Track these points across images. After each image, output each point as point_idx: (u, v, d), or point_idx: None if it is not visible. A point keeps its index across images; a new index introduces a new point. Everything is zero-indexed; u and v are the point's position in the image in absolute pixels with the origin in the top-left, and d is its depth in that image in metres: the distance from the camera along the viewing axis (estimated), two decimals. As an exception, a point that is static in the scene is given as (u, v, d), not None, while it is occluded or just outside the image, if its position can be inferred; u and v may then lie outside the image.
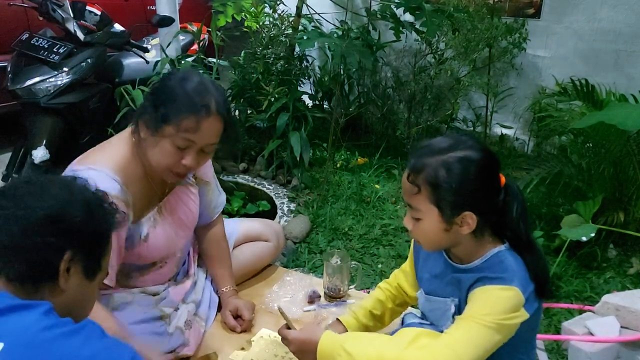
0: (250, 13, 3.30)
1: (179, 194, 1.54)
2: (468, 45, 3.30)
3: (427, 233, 1.12)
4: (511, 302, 1.05)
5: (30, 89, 2.61)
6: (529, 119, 3.52)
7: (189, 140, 1.29)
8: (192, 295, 1.62)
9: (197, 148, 1.32)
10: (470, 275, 1.13)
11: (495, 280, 1.07)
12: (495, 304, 1.05)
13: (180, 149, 1.30)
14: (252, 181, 3.18)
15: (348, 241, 2.59)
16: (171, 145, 1.30)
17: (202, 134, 1.30)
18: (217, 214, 1.71)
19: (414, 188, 1.09)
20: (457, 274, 1.17)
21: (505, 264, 1.10)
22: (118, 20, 2.96)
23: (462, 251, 1.17)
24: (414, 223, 1.13)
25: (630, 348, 1.72)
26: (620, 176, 2.44)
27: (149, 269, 1.52)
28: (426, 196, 1.08)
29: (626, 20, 3.19)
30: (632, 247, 2.49)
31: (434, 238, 1.13)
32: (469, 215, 1.08)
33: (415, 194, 1.09)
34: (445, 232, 1.10)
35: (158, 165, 1.33)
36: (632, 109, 2.08)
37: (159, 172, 1.36)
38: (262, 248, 1.88)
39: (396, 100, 3.80)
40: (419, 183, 1.08)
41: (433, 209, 1.08)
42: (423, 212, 1.09)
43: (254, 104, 3.32)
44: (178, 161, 1.32)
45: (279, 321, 1.66)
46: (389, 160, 3.51)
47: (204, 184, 1.65)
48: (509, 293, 1.05)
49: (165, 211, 1.49)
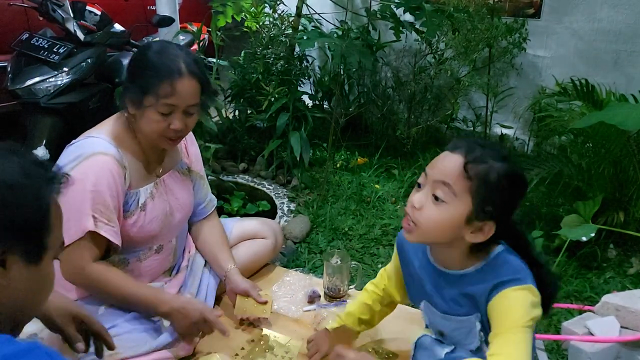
0: (250, 13, 3.30)
1: (175, 177, 1.60)
2: (468, 45, 3.30)
3: (439, 217, 1.05)
4: (532, 299, 1.05)
5: (30, 89, 2.62)
6: (529, 119, 3.52)
7: (169, 105, 1.37)
8: (189, 288, 1.63)
9: (181, 110, 1.39)
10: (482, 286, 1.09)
11: (510, 283, 1.06)
12: (523, 306, 1.04)
13: (165, 114, 1.38)
14: (252, 181, 3.18)
15: (348, 241, 2.59)
16: (156, 114, 1.37)
17: (180, 95, 1.37)
18: (212, 207, 1.78)
19: (464, 173, 1.03)
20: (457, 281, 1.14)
21: (512, 264, 1.09)
22: (118, 20, 2.96)
23: (446, 255, 1.14)
24: (432, 202, 1.06)
25: (630, 348, 1.72)
26: (620, 176, 2.44)
27: (146, 254, 1.53)
28: (471, 187, 1.03)
29: (626, 20, 3.19)
30: (632, 247, 2.49)
31: (442, 228, 1.06)
32: (489, 225, 1.06)
33: (461, 177, 1.03)
34: (457, 227, 1.06)
35: (151, 134, 1.41)
36: (632, 109, 2.07)
37: (154, 141, 1.44)
38: (260, 246, 1.88)
39: (396, 100, 3.80)
40: (473, 173, 1.03)
41: (467, 200, 1.04)
42: (456, 198, 1.04)
43: (254, 104, 3.33)
44: (167, 127, 1.39)
45: (279, 321, 1.68)
46: (389, 160, 3.51)
47: (200, 178, 1.71)
48: (526, 292, 1.05)
49: (162, 187, 1.55)
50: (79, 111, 2.75)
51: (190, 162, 1.68)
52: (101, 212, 1.35)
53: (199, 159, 1.73)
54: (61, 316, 1.05)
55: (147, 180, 1.51)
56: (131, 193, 1.45)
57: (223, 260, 1.67)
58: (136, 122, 1.42)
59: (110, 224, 1.37)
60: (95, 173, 1.35)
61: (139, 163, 1.48)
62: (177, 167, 1.62)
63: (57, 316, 1.04)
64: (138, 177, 1.48)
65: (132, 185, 1.45)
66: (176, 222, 1.59)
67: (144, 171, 1.50)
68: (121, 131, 1.45)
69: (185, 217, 1.66)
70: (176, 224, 1.60)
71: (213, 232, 1.74)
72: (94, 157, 1.36)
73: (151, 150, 1.51)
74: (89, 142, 1.40)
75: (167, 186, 1.57)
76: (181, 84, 1.36)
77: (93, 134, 1.42)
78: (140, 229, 1.47)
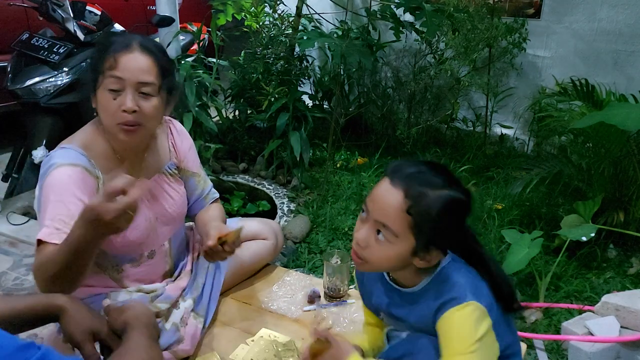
0: (250, 13, 3.30)
1: (160, 182, 1.54)
2: (468, 45, 3.31)
3: (386, 256, 1.06)
4: (476, 314, 1.03)
5: (30, 89, 2.62)
6: (529, 119, 3.52)
7: (114, 77, 1.30)
8: (191, 292, 1.61)
9: (131, 87, 1.31)
10: (428, 306, 1.09)
11: (452, 303, 1.04)
12: (467, 326, 1.02)
13: (114, 91, 1.31)
14: (252, 181, 3.18)
15: (348, 241, 2.59)
16: (105, 92, 1.31)
17: (126, 68, 1.30)
18: (212, 199, 1.71)
19: (403, 213, 1.02)
20: (405, 298, 1.15)
21: (451, 280, 1.08)
22: (118, 20, 2.97)
23: (404, 277, 1.14)
24: (376, 239, 1.05)
25: (630, 348, 1.72)
26: (620, 176, 2.44)
27: (139, 261, 1.51)
28: (410, 223, 1.02)
29: (626, 20, 3.19)
30: (632, 247, 2.49)
31: (389, 262, 1.08)
32: (435, 253, 1.06)
33: (400, 216, 1.02)
34: (403, 259, 1.06)
35: (106, 122, 1.35)
36: (632, 109, 2.07)
37: (112, 132, 1.36)
38: (261, 246, 1.87)
39: (396, 100, 3.80)
40: (413, 211, 1.01)
41: (409, 238, 1.03)
42: (397, 235, 1.03)
43: (254, 104, 3.33)
44: (118, 108, 1.31)
45: (279, 321, 1.68)
46: (389, 160, 3.51)
47: (192, 175, 1.65)
48: (468, 309, 1.03)
49: (144, 196, 1.47)
50: (79, 111, 2.75)
51: (180, 161, 1.61)
52: (65, 223, 1.27)
53: (192, 155, 1.66)
54: (80, 332, 1.05)
55: None
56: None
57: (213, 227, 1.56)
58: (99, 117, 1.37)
59: None
60: (59, 185, 1.30)
61: (116, 171, 1.41)
62: (164, 169, 1.56)
63: (77, 332, 1.05)
64: None
65: None
66: (163, 229, 1.54)
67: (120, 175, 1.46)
68: (93, 138, 1.41)
69: (176, 220, 1.60)
70: (163, 230, 1.55)
71: (211, 212, 1.68)
72: (60, 169, 1.32)
73: (127, 154, 1.44)
74: (58, 154, 1.35)
75: (151, 193, 1.51)
76: (127, 57, 1.31)
77: (65, 145, 1.38)
78: (123, 239, 1.42)
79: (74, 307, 1.05)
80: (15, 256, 2.10)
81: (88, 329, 1.05)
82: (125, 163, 1.45)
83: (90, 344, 1.06)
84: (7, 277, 1.96)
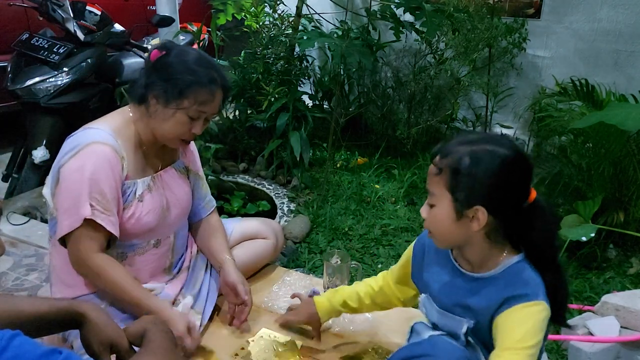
0: (250, 13, 3.30)
1: (172, 174, 1.61)
2: (468, 45, 3.31)
3: (438, 221, 1.10)
4: (542, 316, 1.04)
5: (30, 89, 2.61)
6: (529, 119, 3.52)
7: (202, 111, 1.45)
8: (190, 289, 1.62)
9: (205, 118, 1.48)
10: (490, 297, 1.09)
11: (521, 299, 1.05)
12: (529, 326, 1.03)
13: (193, 119, 1.45)
14: (252, 181, 3.18)
15: (348, 241, 2.59)
16: (185, 117, 1.43)
17: (214, 105, 1.47)
18: (212, 208, 1.77)
19: (436, 170, 1.07)
20: (470, 283, 1.14)
21: (525, 275, 1.08)
22: (118, 20, 2.96)
23: (473, 254, 1.13)
24: (429, 210, 1.11)
25: (630, 348, 1.72)
26: (620, 176, 2.44)
27: (144, 249, 1.53)
28: (445, 181, 1.06)
29: (626, 20, 3.19)
30: (632, 247, 2.49)
31: (445, 229, 1.09)
32: (480, 211, 1.04)
33: (435, 175, 1.08)
34: (455, 223, 1.07)
35: (169, 134, 1.46)
36: (632, 109, 2.08)
37: (167, 140, 1.49)
38: (261, 246, 1.88)
39: (396, 100, 3.81)
40: (441, 166, 1.06)
41: (447, 195, 1.06)
42: (437, 197, 1.08)
43: (254, 104, 3.33)
44: (188, 130, 1.46)
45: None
46: (389, 160, 3.52)
47: (198, 177, 1.72)
48: (538, 308, 1.04)
49: (159, 182, 1.55)
50: (79, 111, 2.75)
51: (188, 162, 1.69)
52: (98, 201, 1.35)
53: (197, 159, 1.74)
54: (99, 343, 1.04)
55: (144, 173, 1.51)
56: (128, 183, 1.45)
57: (219, 252, 1.66)
58: (151, 118, 1.44)
59: (107, 213, 1.37)
60: (93, 162, 1.35)
61: (138, 156, 1.49)
62: (175, 165, 1.63)
63: (96, 342, 1.04)
64: (136, 168, 1.48)
65: (130, 176, 1.46)
66: (173, 218, 1.59)
67: (142, 164, 1.51)
68: (122, 125, 1.46)
69: (183, 213, 1.65)
70: (173, 219, 1.59)
71: (211, 228, 1.73)
72: (92, 146, 1.36)
73: (151, 147, 1.52)
74: (87, 133, 1.40)
75: (165, 181, 1.57)
76: (218, 94, 1.45)
77: (92, 126, 1.44)
78: (137, 221, 1.47)
79: (97, 316, 1.03)
80: (15, 256, 2.10)
81: (107, 340, 1.04)
82: (146, 151, 1.53)
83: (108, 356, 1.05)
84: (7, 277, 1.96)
